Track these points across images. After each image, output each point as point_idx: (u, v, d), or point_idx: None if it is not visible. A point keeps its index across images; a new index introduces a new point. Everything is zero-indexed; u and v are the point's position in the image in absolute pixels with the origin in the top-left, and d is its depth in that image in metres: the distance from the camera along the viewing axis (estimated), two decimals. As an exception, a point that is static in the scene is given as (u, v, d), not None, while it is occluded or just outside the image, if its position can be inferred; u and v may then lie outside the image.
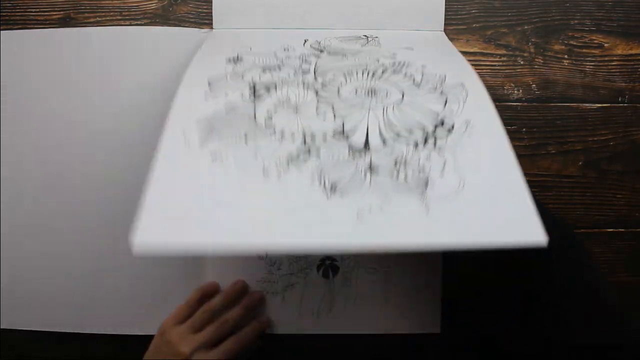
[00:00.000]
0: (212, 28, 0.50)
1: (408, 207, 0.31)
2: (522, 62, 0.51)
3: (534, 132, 0.51)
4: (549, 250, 0.28)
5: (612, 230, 0.52)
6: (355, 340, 0.51)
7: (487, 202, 0.32)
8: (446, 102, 0.38)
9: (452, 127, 0.36)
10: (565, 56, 0.51)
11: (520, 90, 0.51)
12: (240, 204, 0.31)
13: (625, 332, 0.35)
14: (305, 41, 0.44)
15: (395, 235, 0.30)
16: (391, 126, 0.36)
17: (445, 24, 0.50)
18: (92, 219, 0.50)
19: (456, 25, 0.51)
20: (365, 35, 0.48)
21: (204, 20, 0.50)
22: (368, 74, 0.40)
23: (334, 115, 0.36)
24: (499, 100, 0.51)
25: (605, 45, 0.51)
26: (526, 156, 0.51)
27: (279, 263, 0.51)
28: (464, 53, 0.51)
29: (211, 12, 0.49)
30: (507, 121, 0.51)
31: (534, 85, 0.51)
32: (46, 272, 0.50)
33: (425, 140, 0.35)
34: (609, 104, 0.51)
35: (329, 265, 0.51)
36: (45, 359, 0.51)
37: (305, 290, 0.51)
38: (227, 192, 0.31)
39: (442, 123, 0.36)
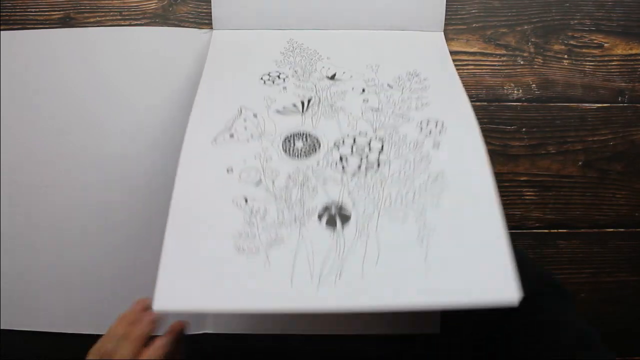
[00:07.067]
0: (211, 28, 0.50)
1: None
2: (522, 62, 0.51)
3: (533, 132, 0.51)
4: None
5: (612, 230, 0.52)
6: (356, 341, 0.51)
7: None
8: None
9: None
10: (565, 56, 0.51)
11: (520, 90, 0.51)
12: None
13: None
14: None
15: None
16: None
17: (445, 24, 0.50)
18: (92, 219, 0.50)
19: (456, 25, 0.51)
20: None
21: (203, 20, 0.50)
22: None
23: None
24: (499, 100, 0.51)
25: (605, 45, 0.51)
26: (526, 156, 0.51)
27: (264, 211, 0.36)
28: (464, 53, 0.51)
29: (211, 12, 0.49)
30: (507, 121, 0.51)
31: (533, 85, 0.51)
32: (46, 272, 0.50)
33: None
34: (608, 104, 0.51)
35: (336, 213, 0.36)
36: (45, 359, 0.51)
37: (301, 247, 0.35)
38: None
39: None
